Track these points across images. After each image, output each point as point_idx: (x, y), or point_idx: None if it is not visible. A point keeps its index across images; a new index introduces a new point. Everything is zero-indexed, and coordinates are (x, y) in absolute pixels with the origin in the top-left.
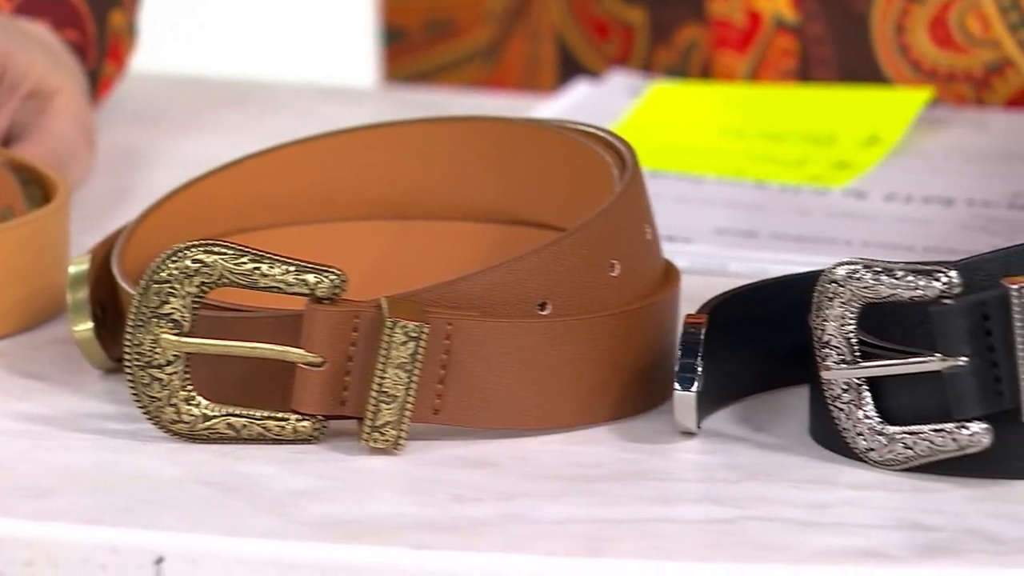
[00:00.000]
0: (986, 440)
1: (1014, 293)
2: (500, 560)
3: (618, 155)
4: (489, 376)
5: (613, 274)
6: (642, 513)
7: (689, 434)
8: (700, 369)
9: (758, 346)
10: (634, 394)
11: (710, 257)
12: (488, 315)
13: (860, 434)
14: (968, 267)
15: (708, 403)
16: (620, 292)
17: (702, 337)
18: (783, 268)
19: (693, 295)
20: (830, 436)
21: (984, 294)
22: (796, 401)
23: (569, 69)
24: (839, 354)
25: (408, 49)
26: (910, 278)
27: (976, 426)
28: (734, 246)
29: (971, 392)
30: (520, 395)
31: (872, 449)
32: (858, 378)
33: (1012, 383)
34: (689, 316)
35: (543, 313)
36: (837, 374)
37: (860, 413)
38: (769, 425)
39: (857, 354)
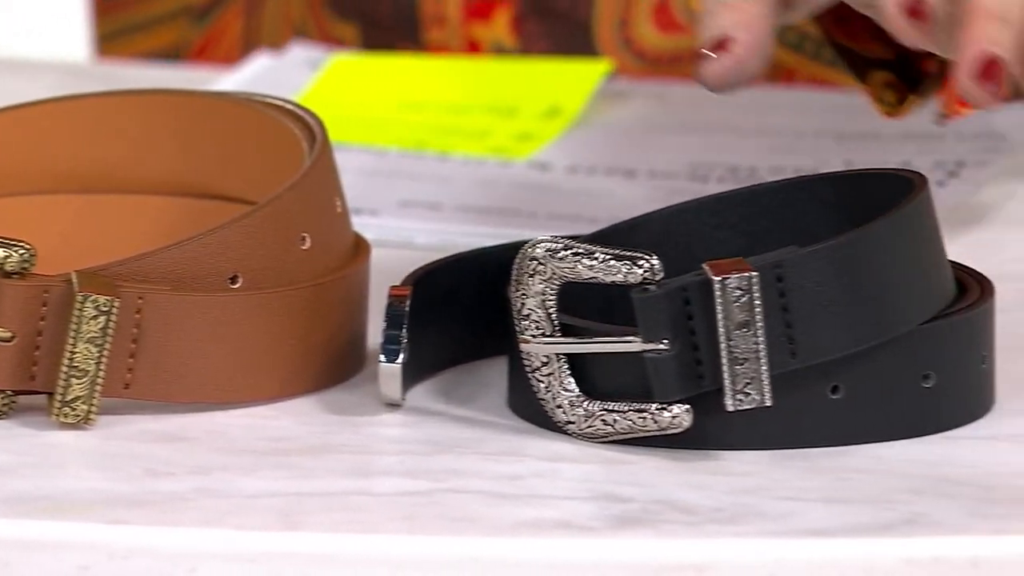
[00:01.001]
0: (686, 422)
1: (717, 285)
2: (194, 534)
3: (307, 128)
4: (181, 350)
5: (304, 247)
6: (337, 486)
7: (393, 406)
8: (405, 341)
9: (462, 317)
10: (330, 367)
11: (396, 229)
12: (179, 289)
13: (559, 407)
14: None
15: (412, 375)
16: (311, 265)
17: (407, 309)
18: (469, 240)
19: (382, 267)
20: (529, 407)
21: (686, 279)
22: (498, 374)
23: None
24: (538, 328)
25: (121, 5)
26: (612, 263)
27: (677, 408)
28: (419, 218)
29: (672, 375)
30: (213, 369)
31: (571, 422)
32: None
33: (713, 366)
34: (394, 288)
35: (234, 287)
36: (536, 347)
37: (559, 386)
38: (469, 398)
39: (557, 327)
